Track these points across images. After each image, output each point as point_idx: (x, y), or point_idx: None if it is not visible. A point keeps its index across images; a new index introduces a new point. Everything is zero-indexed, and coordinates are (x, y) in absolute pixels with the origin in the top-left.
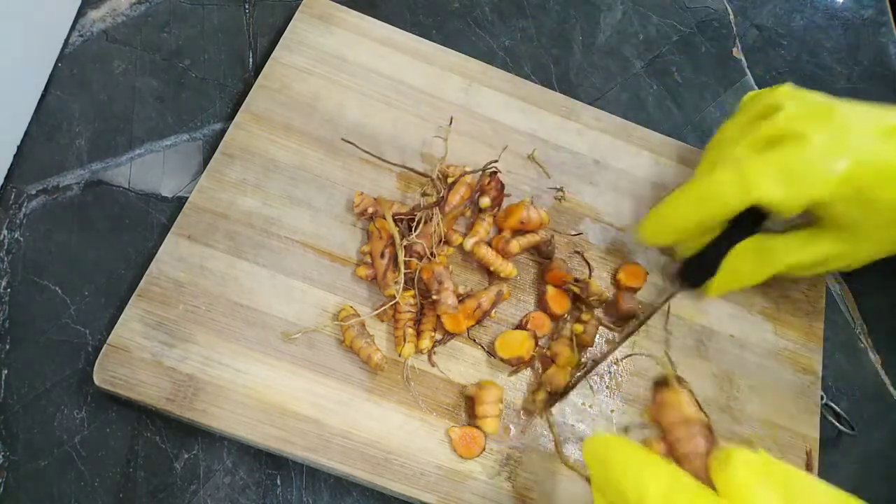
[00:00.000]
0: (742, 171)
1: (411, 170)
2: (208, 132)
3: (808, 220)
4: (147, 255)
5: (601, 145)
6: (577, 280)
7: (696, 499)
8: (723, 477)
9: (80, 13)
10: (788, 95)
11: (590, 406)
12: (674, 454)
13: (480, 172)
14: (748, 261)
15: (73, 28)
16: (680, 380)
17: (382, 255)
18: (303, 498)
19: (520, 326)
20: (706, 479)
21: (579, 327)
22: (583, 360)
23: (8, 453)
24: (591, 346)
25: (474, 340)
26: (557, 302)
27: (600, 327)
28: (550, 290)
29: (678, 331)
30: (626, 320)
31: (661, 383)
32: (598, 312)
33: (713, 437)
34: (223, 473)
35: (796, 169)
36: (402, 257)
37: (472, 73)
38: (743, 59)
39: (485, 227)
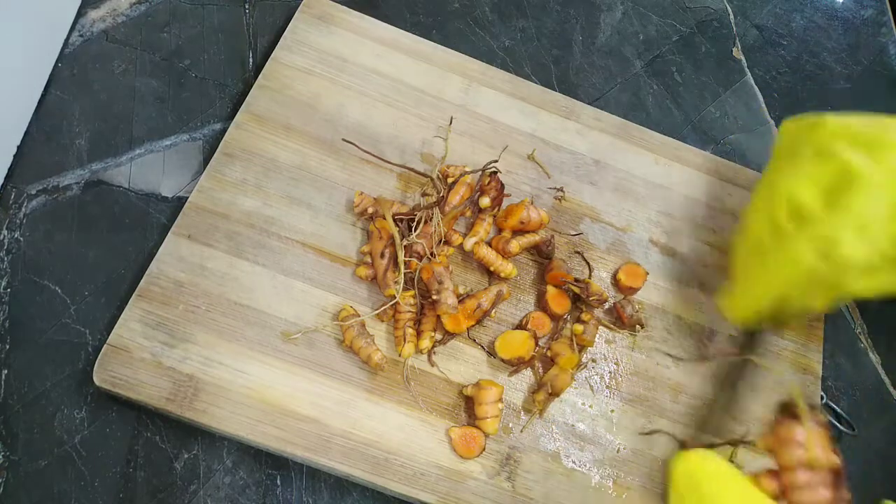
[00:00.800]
0: (825, 252)
1: (411, 170)
2: (208, 132)
3: None
4: (147, 255)
5: (601, 145)
6: (577, 280)
7: None
8: None
9: (80, 13)
10: (835, 133)
11: (590, 406)
12: (788, 499)
13: (480, 172)
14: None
15: (73, 28)
16: (813, 412)
17: (382, 255)
18: (303, 498)
19: (520, 326)
20: None
21: (579, 328)
22: (583, 360)
23: (8, 453)
24: (591, 346)
25: (474, 340)
26: (558, 302)
27: (600, 327)
28: (551, 290)
29: (678, 331)
30: (630, 326)
31: (786, 411)
32: (598, 312)
33: (842, 487)
34: (223, 473)
35: (874, 227)
36: (402, 257)
37: (472, 73)
38: (743, 59)
39: (485, 227)
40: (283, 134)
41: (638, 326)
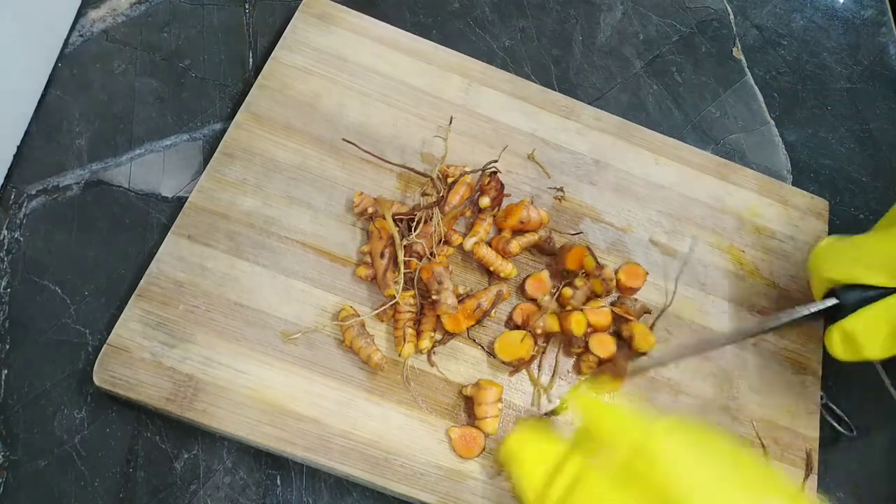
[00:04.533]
0: None
1: (411, 170)
2: (208, 132)
3: None
4: (147, 255)
5: (601, 145)
6: (597, 263)
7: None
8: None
9: (80, 13)
10: None
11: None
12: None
13: (480, 172)
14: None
15: (73, 28)
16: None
17: (382, 255)
18: (303, 498)
19: (512, 322)
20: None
21: (568, 291)
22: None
23: (8, 453)
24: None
25: (474, 340)
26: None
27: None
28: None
29: (678, 331)
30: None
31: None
32: (604, 302)
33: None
34: (223, 473)
35: None
36: (402, 257)
37: (473, 73)
38: (743, 59)
39: (485, 227)
40: (283, 134)
41: (645, 314)
